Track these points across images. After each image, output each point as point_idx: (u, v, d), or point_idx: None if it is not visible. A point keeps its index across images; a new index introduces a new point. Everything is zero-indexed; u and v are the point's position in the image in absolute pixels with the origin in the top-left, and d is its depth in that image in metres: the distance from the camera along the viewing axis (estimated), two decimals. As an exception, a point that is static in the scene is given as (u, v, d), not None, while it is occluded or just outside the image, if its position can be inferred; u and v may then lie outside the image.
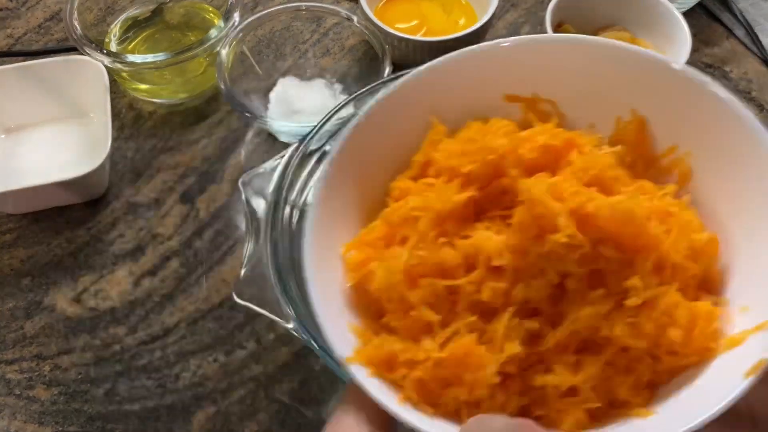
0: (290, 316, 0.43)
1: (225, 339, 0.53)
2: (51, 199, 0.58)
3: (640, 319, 0.29)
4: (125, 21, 0.67)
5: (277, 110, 0.62)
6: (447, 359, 0.29)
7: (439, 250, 0.30)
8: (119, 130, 0.64)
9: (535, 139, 0.32)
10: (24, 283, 0.56)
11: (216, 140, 0.63)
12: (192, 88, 0.65)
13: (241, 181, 0.49)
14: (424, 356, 0.29)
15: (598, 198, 0.29)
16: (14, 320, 0.54)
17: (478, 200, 0.32)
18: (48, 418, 0.50)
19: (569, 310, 0.30)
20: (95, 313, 0.54)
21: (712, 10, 0.73)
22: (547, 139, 0.32)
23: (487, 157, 0.31)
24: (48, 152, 0.60)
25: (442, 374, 0.29)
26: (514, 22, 0.72)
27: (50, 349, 0.53)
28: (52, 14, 0.72)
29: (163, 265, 0.56)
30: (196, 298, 0.55)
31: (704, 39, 0.71)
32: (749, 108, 0.32)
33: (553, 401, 0.30)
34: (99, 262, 0.57)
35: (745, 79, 0.68)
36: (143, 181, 0.61)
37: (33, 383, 0.51)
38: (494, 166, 0.31)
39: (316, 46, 0.67)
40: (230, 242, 0.58)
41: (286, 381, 0.51)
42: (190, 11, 0.68)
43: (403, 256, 0.30)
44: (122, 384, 0.51)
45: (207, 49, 0.60)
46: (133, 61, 0.59)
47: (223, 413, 0.50)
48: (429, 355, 0.29)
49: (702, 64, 0.69)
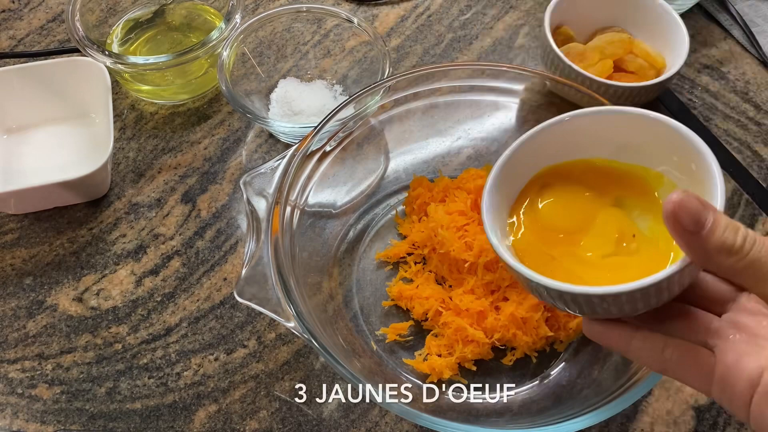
0: (291, 314, 0.43)
1: (226, 338, 0.53)
2: (53, 199, 0.58)
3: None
4: (127, 22, 0.67)
5: (277, 111, 0.62)
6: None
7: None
8: (121, 131, 0.64)
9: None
10: (26, 282, 0.56)
11: (217, 141, 0.64)
12: (193, 89, 0.65)
13: (242, 181, 0.49)
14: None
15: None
16: (16, 320, 0.54)
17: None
18: (50, 417, 0.50)
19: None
20: (97, 313, 0.55)
21: (710, 11, 0.73)
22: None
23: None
24: (50, 153, 0.61)
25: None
26: (513, 24, 0.72)
27: (52, 348, 0.53)
28: (54, 15, 0.72)
29: (165, 265, 0.57)
30: (198, 298, 0.55)
31: (702, 40, 0.71)
32: (747, 107, 0.32)
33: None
34: (101, 262, 0.57)
35: (742, 80, 0.69)
36: (145, 181, 0.61)
37: (35, 382, 0.52)
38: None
39: (316, 47, 0.68)
40: (231, 242, 0.58)
41: (287, 379, 0.51)
42: (192, 13, 0.69)
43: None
44: (124, 383, 0.51)
45: (208, 50, 0.61)
46: (135, 62, 0.60)
47: (224, 412, 0.50)
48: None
49: (700, 64, 0.70)
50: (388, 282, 0.55)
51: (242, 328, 0.54)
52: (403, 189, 0.59)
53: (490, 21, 0.73)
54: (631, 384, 0.42)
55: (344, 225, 0.57)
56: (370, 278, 0.56)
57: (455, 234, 0.53)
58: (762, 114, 0.67)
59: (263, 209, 0.48)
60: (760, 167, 0.63)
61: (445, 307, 0.52)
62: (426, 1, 0.74)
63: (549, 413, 0.47)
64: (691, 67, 0.69)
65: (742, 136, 0.65)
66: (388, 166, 0.60)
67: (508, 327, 0.50)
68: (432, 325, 0.52)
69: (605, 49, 0.63)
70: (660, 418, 0.50)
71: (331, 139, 0.53)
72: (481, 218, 0.40)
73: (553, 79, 0.55)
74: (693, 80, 0.69)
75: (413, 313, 0.53)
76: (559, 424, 0.41)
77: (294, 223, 0.50)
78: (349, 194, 0.58)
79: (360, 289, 0.55)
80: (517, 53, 0.70)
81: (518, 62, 0.70)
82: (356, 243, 0.57)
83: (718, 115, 0.66)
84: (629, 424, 0.50)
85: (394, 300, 0.54)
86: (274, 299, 0.44)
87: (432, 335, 0.52)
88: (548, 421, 0.44)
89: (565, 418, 0.43)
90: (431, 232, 0.54)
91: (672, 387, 0.52)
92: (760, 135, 0.65)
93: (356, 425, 0.50)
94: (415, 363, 0.51)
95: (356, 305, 0.54)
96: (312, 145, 0.51)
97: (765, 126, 0.66)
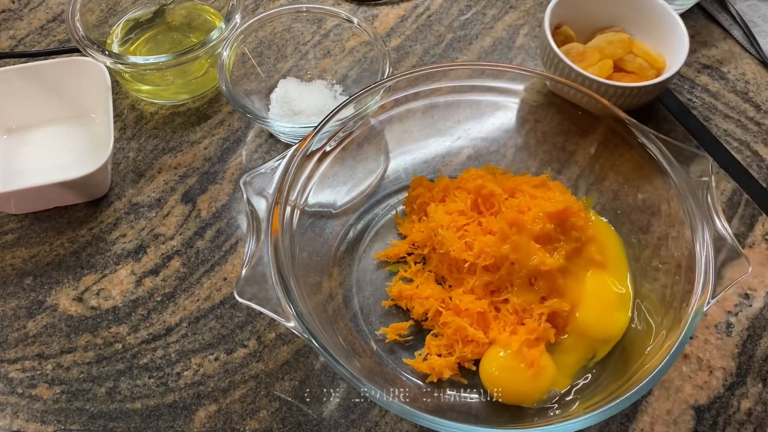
0: (291, 314, 0.43)
1: (226, 338, 0.53)
2: (53, 199, 0.58)
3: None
4: (127, 22, 0.67)
5: (277, 111, 0.62)
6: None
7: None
8: (121, 131, 0.64)
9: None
10: (26, 282, 0.56)
11: (217, 141, 0.64)
12: (193, 89, 0.65)
13: (242, 181, 0.49)
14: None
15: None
16: (17, 319, 0.54)
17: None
18: (50, 417, 0.50)
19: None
20: (97, 313, 0.55)
21: (710, 11, 0.73)
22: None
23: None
24: (50, 153, 0.61)
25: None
26: (513, 24, 0.72)
27: (52, 348, 0.53)
28: (55, 15, 0.72)
29: (165, 265, 0.57)
30: (198, 297, 0.55)
31: (702, 40, 0.71)
32: (747, 107, 0.32)
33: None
34: (101, 262, 0.57)
35: (742, 80, 0.69)
36: (145, 181, 0.61)
37: (35, 382, 0.52)
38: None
39: (316, 47, 0.68)
40: (231, 242, 0.58)
41: (287, 379, 0.51)
42: (192, 13, 0.69)
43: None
44: (124, 383, 0.51)
45: (208, 50, 0.61)
46: (135, 62, 0.60)
47: (224, 411, 0.50)
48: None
49: (699, 64, 0.70)
50: (388, 282, 0.55)
51: (242, 328, 0.54)
52: (403, 189, 0.59)
53: (490, 21, 0.73)
54: (631, 384, 0.42)
55: (344, 225, 0.57)
56: (370, 278, 0.56)
57: (455, 234, 0.53)
58: (762, 114, 0.67)
59: (263, 209, 0.48)
60: (760, 167, 0.63)
61: (445, 307, 0.52)
62: (426, 1, 0.74)
63: (549, 413, 0.47)
64: (690, 67, 0.69)
65: (742, 136, 0.65)
66: (388, 166, 0.60)
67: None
68: (432, 325, 0.52)
69: (605, 49, 0.63)
70: (660, 418, 0.50)
71: (331, 139, 0.53)
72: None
73: (553, 79, 0.55)
74: (693, 80, 0.69)
75: (413, 313, 0.53)
76: (559, 424, 0.41)
77: (294, 223, 0.50)
78: (349, 194, 0.58)
79: (360, 289, 0.55)
80: (517, 53, 0.70)
81: (518, 62, 0.70)
82: (356, 243, 0.57)
83: (718, 115, 0.66)
84: (629, 424, 0.50)
85: (394, 300, 0.54)
86: (274, 299, 0.44)
87: (432, 335, 0.52)
88: (548, 421, 0.44)
89: (565, 418, 0.43)
90: (431, 232, 0.54)
91: (672, 387, 0.52)
92: (760, 135, 0.65)
93: (356, 425, 0.50)
94: (415, 363, 0.51)
95: (356, 305, 0.54)
96: (312, 145, 0.51)
97: (765, 126, 0.66)
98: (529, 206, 0.52)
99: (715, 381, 0.52)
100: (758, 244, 0.59)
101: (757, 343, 0.54)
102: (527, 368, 0.48)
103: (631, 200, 0.55)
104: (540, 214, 0.51)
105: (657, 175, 0.51)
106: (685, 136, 0.65)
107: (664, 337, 0.45)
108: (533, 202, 0.53)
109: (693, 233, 0.48)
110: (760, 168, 0.63)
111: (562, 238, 0.52)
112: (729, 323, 0.55)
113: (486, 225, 0.53)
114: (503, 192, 0.54)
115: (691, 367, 0.53)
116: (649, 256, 0.53)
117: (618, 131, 0.53)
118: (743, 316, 0.55)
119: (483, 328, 0.51)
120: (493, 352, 0.50)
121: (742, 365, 0.53)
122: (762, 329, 0.55)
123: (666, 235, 0.51)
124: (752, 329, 0.55)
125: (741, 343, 0.54)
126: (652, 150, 0.51)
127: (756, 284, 0.57)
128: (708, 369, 0.53)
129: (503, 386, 0.48)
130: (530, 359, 0.48)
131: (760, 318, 0.55)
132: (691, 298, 0.45)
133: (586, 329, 0.50)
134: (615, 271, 0.53)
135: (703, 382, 0.52)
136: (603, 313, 0.51)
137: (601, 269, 0.53)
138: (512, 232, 0.51)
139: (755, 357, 0.53)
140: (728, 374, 0.52)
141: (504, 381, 0.48)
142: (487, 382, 0.49)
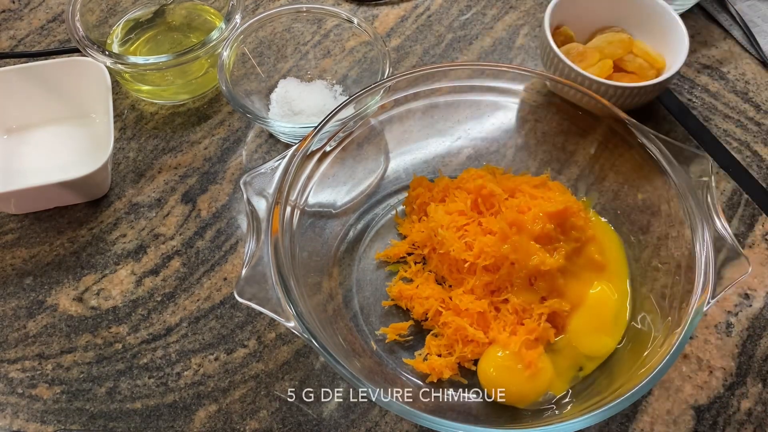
0: (291, 314, 0.43)
1: (226, 338, 0.53)
2: (53, 199, 0.58)
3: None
4: (127, 22, 0.67)
5: (278, 111, 0.62)
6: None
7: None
8: (121, 131, 0.64)
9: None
10: (26, 282, 0.56)
11: (217, 141, 0.64)
12: (193, 89, 0.65)
13: (242, 181, 0.49)
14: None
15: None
16: (17, 319, 0.54)
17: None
18: (50, 417, 0.50)
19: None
20: (97, 313, 0.55)
21: (710, 11, 0.73)
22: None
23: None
24: (50, 153, 0.61)
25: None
26: (513, 24, 0.72)
27: (52, 348, 0.53)
28: (55, 16, 0.72)
29: (165, 265, 0.57)
30: (198, 297, 0.55)
31: (702, 40, 0.71)
32: (747, 107, 0.32)
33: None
34: (101, 262, 0.57)
35: (742, 80, 0.69)
36: (145, 181, 0.61)
37: (35, 382, 0.52)
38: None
39: (316, 47, 0.68)
40: (231, 242, 0.58)
41: (287, 379, 0.52)
42: (192, 13, 0.69)
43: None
44: (124, 383, 0.51)
45: (208, 50, 0.61)
46: (135, 62, 0.60)
47: (225, 411, 0.50)
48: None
49: (699, 65, 0.70)
50: (388, 282, 0.55)
51: (242, 328, 0.54)
52: (403, 189, 0.59)
53: (490, 21, 0.73)
54: (631, 384, 0.42)
55: (344, 225, 0.57)
56: (370, 278, 0.56)
57: (455, 234, 0.53)
58: (762, 114, 0.67)
59: (263, 209, 0.48)
60: (760, 167, 0.63)
61: (445, 307, 0.52)
62: (426, 1, 0.74)
63: (549, 413, 0.47)
64: (690, 67, 0.69)
65: (741, 136, 0.65)
66: (388, 166, 0.60)
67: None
68: (432, 325, 0.53)
69: (605, 49, 0.63)
70: (660, 417, 0.50)
71: (331, 139, 0.53)
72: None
73: (553, 79, 0.55)
74: (693, 80, 0.69)
75: (413, 313, 0.53)
76: (560, 424, 0.41)
77: (294, 223, 0.50)
78: (349, 194, 0.58)
79: (360, 289, 0.55)
80: (517, 53, 0.70)
81: (518, 62, 0.70)
82: (356, 243, 0.57)
83: (718, 115, 0.66)
84: (629, 424, 0.50)
85: (394, 300, 0.54)
86: (274, 299, 0.44)
87: (432, 335, 0.52)
88: (548, 421, 0.44)
89: (564, 418, 0.43)
90: (431, 232, 0.54)
91: (672, 387, 0.52)
92: (759, 135, 0.65)
93: (356, 425, 0.50)
94: (415, 363, 0.51)
95: (356, 305, 0.54)
96: (312, 145, 0.51)
97: (765, 126, 0.66)
98: (529, 206, 0.52)
99: (715, 381, 0.52)
100: (758, 244, 0.59)
101: (757, 343, 0.54)
102: (524, 369, 0.48)
103: (631, 200, 0.55)
104: (540, 214, 0.51)
105: (657, 175, 0.51)
106: (685, 136, 0.65)
107: (663, 337, 0.45)
108: (533, 202, 0.53)
109: (693, 233, 0.48)
110: (760, 168, 0.63)
111: (562, 238, 0.52)
112: (729, 323, 0.55)
113: (486, 225, 0.53)
114: (503, 192, 0.54)
115: (691, 367, 0.53)
116: (649, 256, 0.53)
117: (618, 131, 0.53)
118: (743, 316, 0.55)
119: (483, 328, 0.51)
120: (491, 351, 0.50)
121: (742, 365, 0.53)
122: (762, 329, 0.55)
123: (666, 235, 0.51)
124: (752, 329, 0.55)
125: (741, 343, 0.54)
126: (652, 150, 0.51)
127: (756, 284, 0.57)
128: (708, 369, 0.53)
129: (499, 386, 0.48)
130: (528, 360, 0.48)
131: (760, 318, 0.55)
132: (691, 298, 0.45)
133: (575, 341, 0.50)
134: (615, 271, 0.53)
135: (703, 382, 0.52)
136: (593, 332, 0.51)
137: (603, 274, 0.53)
138: (512, 232, 0.51)
139: (755, 357, 0.53)
140: (728, 374, 0.52)
141: (501, 381, 0.48)
142: (484, 382, 0.49)
